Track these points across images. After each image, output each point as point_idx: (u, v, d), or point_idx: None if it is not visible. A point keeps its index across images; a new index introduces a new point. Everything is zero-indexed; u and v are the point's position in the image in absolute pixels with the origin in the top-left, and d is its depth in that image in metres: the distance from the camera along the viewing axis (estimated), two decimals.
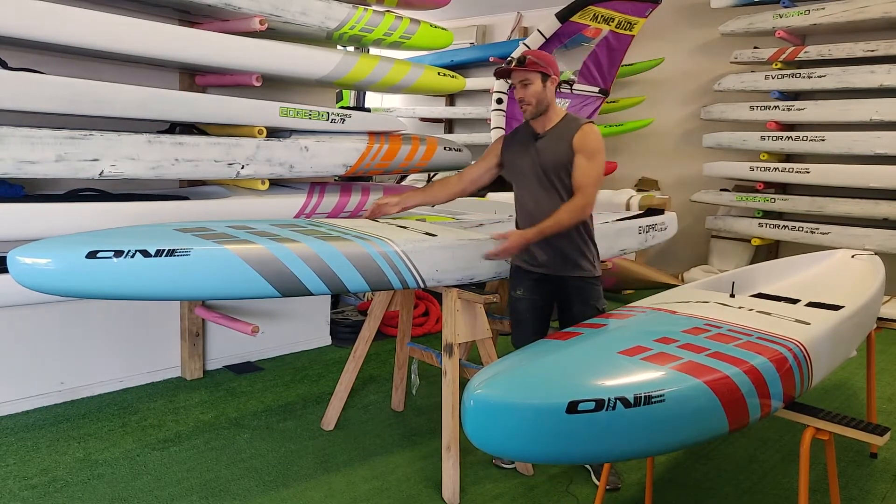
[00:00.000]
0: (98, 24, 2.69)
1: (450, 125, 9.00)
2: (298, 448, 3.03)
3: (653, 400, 1.42)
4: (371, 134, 3.68)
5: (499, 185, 6.99)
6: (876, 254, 3.75)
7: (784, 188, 6.48)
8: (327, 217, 3.56)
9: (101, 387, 3.54)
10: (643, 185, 7.30)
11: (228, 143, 3.03)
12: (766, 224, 6.33)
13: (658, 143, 7.35)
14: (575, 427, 1.37)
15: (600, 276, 2.72)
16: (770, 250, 6.68)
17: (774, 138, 6.21)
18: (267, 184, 3.23)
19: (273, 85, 3.74)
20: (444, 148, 4.14)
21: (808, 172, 6.02)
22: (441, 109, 8.52)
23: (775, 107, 6.25)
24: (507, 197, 7.70)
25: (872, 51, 5.75)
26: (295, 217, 3.38)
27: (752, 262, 6.63)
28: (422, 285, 2.64)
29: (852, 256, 3.74)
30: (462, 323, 2.74)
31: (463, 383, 2.18)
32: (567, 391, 1.40)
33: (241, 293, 2.20)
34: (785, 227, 6.23)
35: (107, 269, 1.95)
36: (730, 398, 1.59)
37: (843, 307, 2.65)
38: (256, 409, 3.44)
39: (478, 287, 2.84)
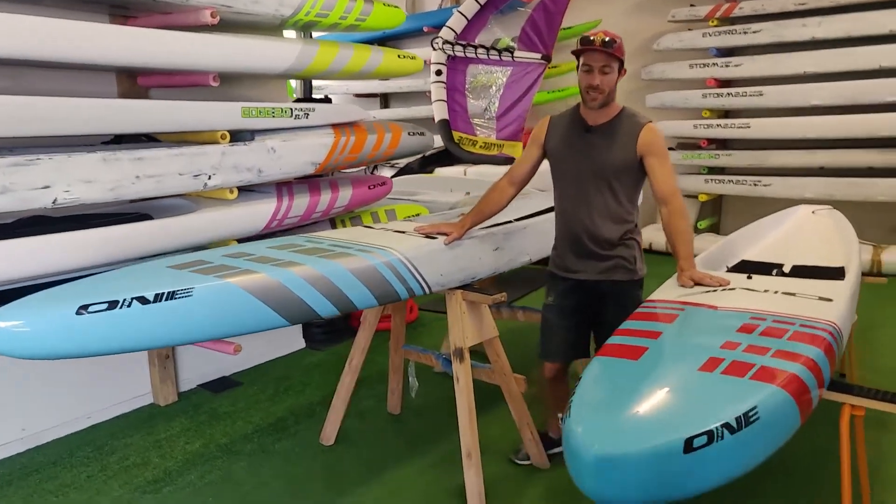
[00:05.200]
0: (16, 29, 2.31)
1: (385, 100, 8.73)
2: (303, 471, 2.86)
3: (751, 420, 1.38)
4: (335, 127, 3.46)
5: (445, 159, 6.80)
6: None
7: (725, 144, 6.64)
8: (301, 219, 3.35)
9: (66, 427, 3.23)
10: None
11: (192, 152, 2.76)
12: (712, 180, 6.49)
13: None
14: (691, 464, 1.32)
15: (642, 279, 2.56)
16: (714, 205, 6.87)
17: (715, 95, 6.32)
18: (236, 192, 2.98)
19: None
20: (409, 133, 3.98)
21: (749, 127, 6.18)
22: (376, 84, 8.22)
23: (714, 64, 6.35)
24: (457, 172, 7.57)
25: (803, 4, 5.90)
26: (269, 222, 3.14)
27: (699, 218, 6.81)
28: (427, 291, 2.51)
29: (812, 212, 3.85)
30: (470, 325, 2.63)
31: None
32: (679, 428, 1.33)
33: (250, 328, 2.00)
34: (730, 181, 6.40)
35: (102, 324, 1.72)
36: (802, 397, 1.58)
37: (842, 268, 2.71)
38: (246, 430, 3.24)
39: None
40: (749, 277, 2.37)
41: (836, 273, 2.65)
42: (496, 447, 2.93)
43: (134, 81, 3.23)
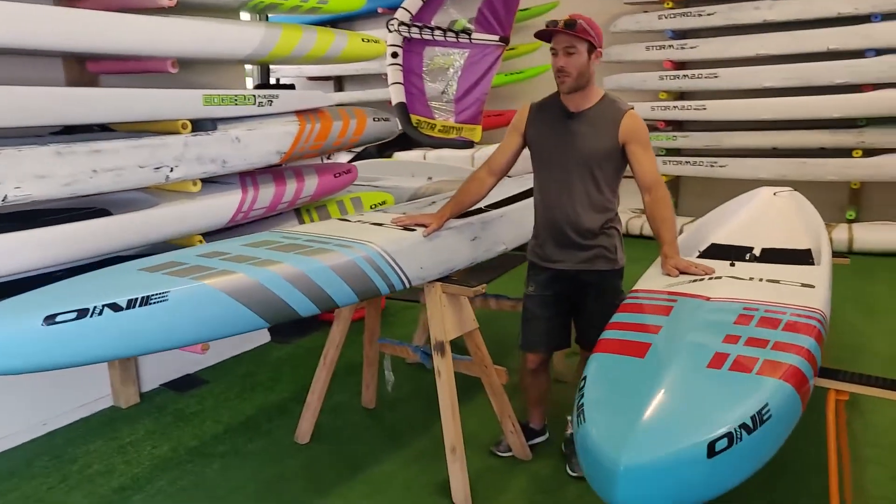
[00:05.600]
0: None
1: (339, 83, 8.53)
2: (280, 471, 2.77)
3: (764, 418, 1.38)
4: (299, 114, 3.33)
5: (403, 143, 6.68)
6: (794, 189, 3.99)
7: (681, 125, 6.73)
8: (266, 210, 3.23)
9: (20, 436, 3.04)
10: None
11: (152, 143, 2.60)
12: (670, 161, 6.58)
13: None
14: (714, 468, 1.31)
15: (622, 268, 2.54)
16: (672, 186, 6.97)
17: (672, 77, 6.39)
18: (199, 185, 2.84)
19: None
20: (374, 119, 3.87)
21: (705, 109, 6.28)
22: (330, 66, 8.02)
23: (669, 46, 6.41)
24: (417, 156, 7.46)
25: None
26: (234, 215, 3.01)
27: None
28: (408, 285, 2.44)
29: (774, 194, 3.93)
30: (450, 318, 2.57)
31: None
32: (702, 432, 1.32)
33: (229, 331, 1.90)
34: (687, 162, 6.50)
35: (72, 335, 1.59)
36: (802, 388, 1.59)
37: (809, 250, 2.76)
38: (216, 431, 3.12)
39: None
40: (732, 265, 2.39)
41: (805, 255, 2.69)
42: (476, 440, 2.90)
43: (83, 68, 3.02)
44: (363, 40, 3.66)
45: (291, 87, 3.79)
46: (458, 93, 6.53)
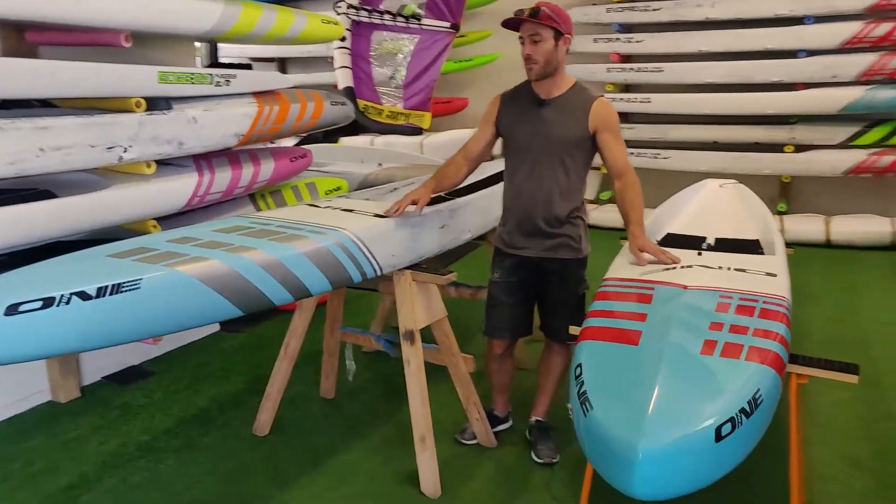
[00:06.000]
0: None
1: (282, 65, 8.28)
2: (238, 464, 2.68)
3: (758, 402, 1.43)
4: (257, 95, 3.20)
5: (350, 128, 6.57)
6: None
7: (627, 117, 6.88)
8: (223, 195, 3.10)
9: None
10: None
11: (104, 122, 2.44)
12: None
13: (509, 77, 7.22)
14: (720, 451, 1.35)
15: (586, 257, 2.57)
16: None
17: (619, 70, 6.52)
18: (153, 167, 2.69)
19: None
20: (331, 103, 3.77)
21: (650, 102, 6.45)
22: (274, 48, 7.77)
23: (617, 39, 6.53)
24: (364, 141, 7.32)
25: None
26: (190, 199, 2.88)
27: (601, 190, 7.06)
28: (379, 273, 2.39)
29: (720, 186, 4.08)
30: (420, 307, 2.54)
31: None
32: (708, 417, 1.35)
33: (202, 320, 1.82)
34: (631, 153, 6.64)
35: (37, 326, 1.48)
36: (782, 373, 1.65)
37: (758, 240, 2.88)
38: (167, 424, 2.99)
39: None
40: (699, 254, 2.46)
41: (754, 245, 2.81)
42: (440, 427, 2.87)
43: (20, 37, 2.80)
44: (322, 21, 3.55)
45: (248, 66, 3.63)
46: (407, 78, 6.45)
